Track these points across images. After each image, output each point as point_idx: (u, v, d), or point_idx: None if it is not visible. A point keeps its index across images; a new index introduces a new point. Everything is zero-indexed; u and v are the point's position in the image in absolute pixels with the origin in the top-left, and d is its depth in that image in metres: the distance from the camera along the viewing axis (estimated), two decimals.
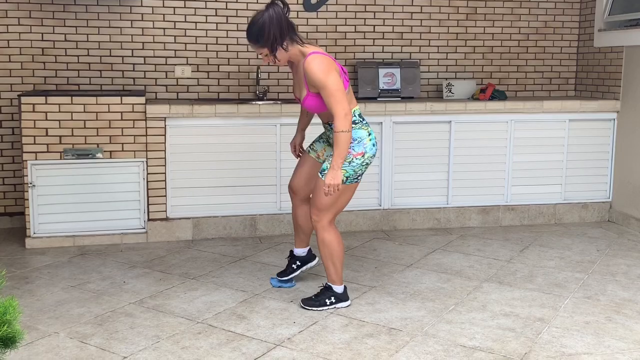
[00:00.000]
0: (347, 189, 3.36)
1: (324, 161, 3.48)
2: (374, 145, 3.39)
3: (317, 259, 3.83)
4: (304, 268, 3.79)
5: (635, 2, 5.15)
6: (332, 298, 3.44)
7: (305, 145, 3.81)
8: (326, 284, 3.49)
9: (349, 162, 3.30)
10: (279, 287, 3.77)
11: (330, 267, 3.43)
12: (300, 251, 3.78)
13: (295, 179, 3.66)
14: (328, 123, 3.46)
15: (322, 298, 3.44)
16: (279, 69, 5.32)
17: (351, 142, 3.31)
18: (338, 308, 3.44)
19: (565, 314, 3.43)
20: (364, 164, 3.35)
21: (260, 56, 3.36)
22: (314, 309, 3.41)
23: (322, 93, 3.22)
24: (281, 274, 3.80)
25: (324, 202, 3.34)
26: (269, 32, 3.21)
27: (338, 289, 3.46)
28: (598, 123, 5.34)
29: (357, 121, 3.36)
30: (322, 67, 3.20)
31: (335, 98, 3.19)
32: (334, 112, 3.20)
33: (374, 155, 3.40)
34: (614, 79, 5.35)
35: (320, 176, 3.36)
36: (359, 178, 3.39)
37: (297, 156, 3.79)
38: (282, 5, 3.26)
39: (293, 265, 3.78)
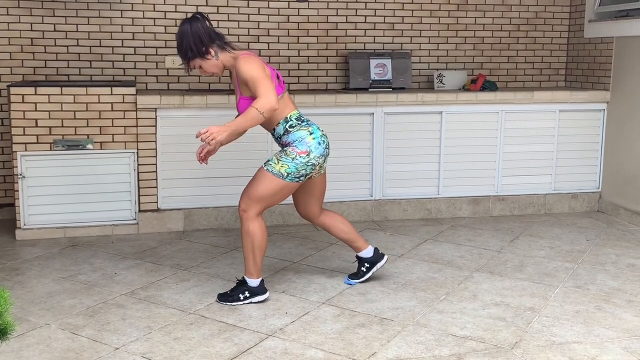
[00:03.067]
0: (286, 187, 3.32)
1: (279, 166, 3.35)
2: (319, 144, 3.34)
3: (385, 257, 3.73)
4: (374, 269, 3.70)
5: None
6: (246, 292, 3.39)
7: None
8: (242, 277, 3.45)
9: (292, 159, 3.29)
10: (349, 284, 3.69)
11: (250, 259, 3.37)
12: (365, 253, 3.69)
13: (299, 207, 3.60)
14: (272, 131, 3.42)
15: (236, 293, 3.40)
16: (271, 60, 5.30)
17: (291, 142, 3.32)
18: (253, 302, 3.39)
19: (556, 303, 3.45)
20: (309, 163, 3.31)
21: (195, 70, 3.42)
22: (228, 304, 3.38)
23: (250, 85, 3.21)
24: (353, 276, 3.73)
25: (257, 193, 3.30)
26: (187, 45, 3.27)
27: (253, 282, 3.40)
28: (588, 114, 5.37)
29: (294, 125, 3.35)
30: (251, 63, 3.24)
31: (262, 85, 3.16)
32: (258, 94, 3.15)
33: (322, 155, 3.36)
34: (604, 70, 5.37)
35: (263, 166, 3.34)
36: (301, 178, 3.33)
37: None
38: (200, 18, 3.30)
39: (362, 268, 3.70)
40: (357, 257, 3.72)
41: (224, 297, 3.42)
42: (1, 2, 4.87)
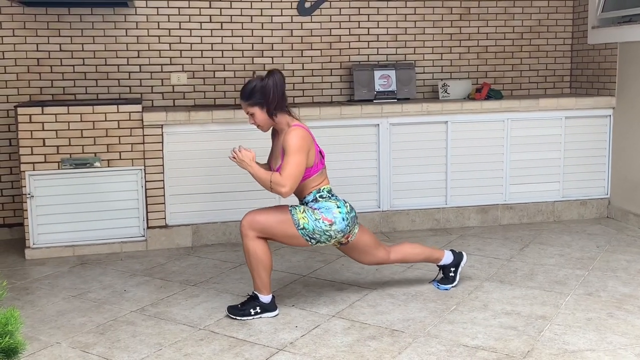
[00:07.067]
0: (293, 236, 3.33)
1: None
2: (343, 219, 3.36)
3: (464, 254, 3.85)
4: (460, 269, 3.81)
5: None
6: (257, 308, 3.39)
7: None
8: (253, 293, 3.44)
9: (315, 219, 3.31)
10: (445, 290, 3.77)
11: (256, 276, 3.37)
12: (445, 260, 3.77)
13: (368, 262, 3.63)
14: (302, 199, 3.45)
15: (247, 308, 3.39)
16: None
17: (318, 208, 3.33)
18: (263, 318, 3.38)
19: (567, 311, 3.43)
20: (327, 233, 3.33)
21: (246, 115, 3.43)
22: (238, 318, 3.37)
23: (285, 155, 3.28)
24: (443, 281, 3.80)
25: (265, 223, 3.31)
26: (273, 95, 3.30)
27: (264, 298, 3.40)
28: (594, 120, 5.35)
29: (324, 195, 3.40)
30: (300, 140, 3.28)
31: (292, 168, 3.24)
32: (284, 172, 3.23)
33: (342, 231, 3.37)
34: (608, 76, 5.37)
35: (289, 205, 3.37)
36: (311, 240, 3.34)
37: None
38: (281, 75, 3.37)
39: (450, 274, 3.79)
40: (439, 266, 3.80)
41: (234, 311, 3.41)
42: (7, 23, 4.91)
